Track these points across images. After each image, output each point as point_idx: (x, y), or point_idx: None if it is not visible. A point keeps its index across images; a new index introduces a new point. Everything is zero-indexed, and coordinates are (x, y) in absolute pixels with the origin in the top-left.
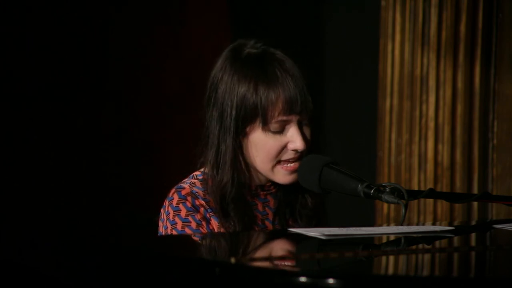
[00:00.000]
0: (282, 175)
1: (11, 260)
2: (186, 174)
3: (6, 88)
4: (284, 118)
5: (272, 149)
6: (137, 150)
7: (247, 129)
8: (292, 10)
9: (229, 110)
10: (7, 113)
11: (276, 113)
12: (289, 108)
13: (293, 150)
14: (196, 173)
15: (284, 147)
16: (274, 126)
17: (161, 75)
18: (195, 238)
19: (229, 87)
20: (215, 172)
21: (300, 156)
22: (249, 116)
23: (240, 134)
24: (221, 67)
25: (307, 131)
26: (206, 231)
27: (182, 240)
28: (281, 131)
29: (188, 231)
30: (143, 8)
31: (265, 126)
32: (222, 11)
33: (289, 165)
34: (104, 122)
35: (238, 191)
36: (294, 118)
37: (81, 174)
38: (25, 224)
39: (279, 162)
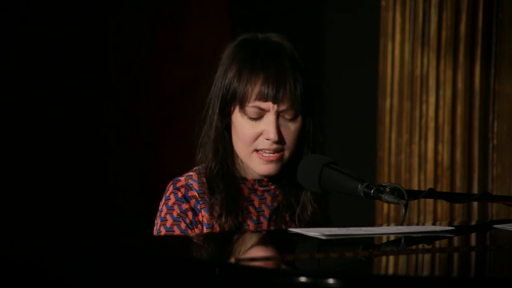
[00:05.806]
0: (258, 164)
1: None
2: None
3: (6, 88)
4: (260, 105)
5: (247, 134)
6: (137, 150)
7: (231, 110)
8: (292, 10)
9: (217, 91)
10: (6, 113)
11: (252, 98)
12: (265, 95)
13: (267, 140)
14: (197, 167)
15: (259, 135)
16: (250, 111)
17: (161, 75)
18: (196, 238)
19: (222, 70)
20: (199, 151)
21: (277, 149)
22: (230, 98)
23: (225, 116)
24: (226, 53)
25: (291, 126)
26: (188, 222)
27: (182, 240)
28: (258, 118)
29: (169, 218)
30: (143, 8)
31: (242, 109)
32: (222, 11)
33: (264, 154)
34: (104, 122)
35: (226, 178)
36: (272, 107)
37: (81, 174)
38: (25, 224)
39: (256, 150)
